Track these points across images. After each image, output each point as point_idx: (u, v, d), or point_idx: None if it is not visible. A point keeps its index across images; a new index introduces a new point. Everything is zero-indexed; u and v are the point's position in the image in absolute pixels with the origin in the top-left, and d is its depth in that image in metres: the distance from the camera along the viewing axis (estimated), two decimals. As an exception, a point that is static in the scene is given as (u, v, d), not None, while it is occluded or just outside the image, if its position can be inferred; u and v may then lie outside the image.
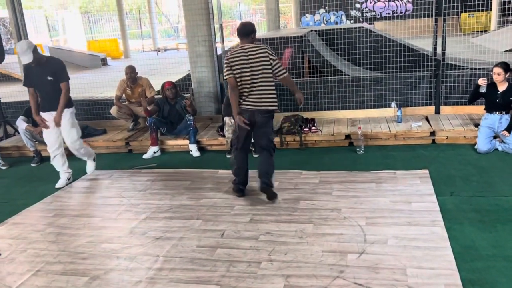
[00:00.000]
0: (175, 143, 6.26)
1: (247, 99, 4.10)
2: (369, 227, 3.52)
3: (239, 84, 4.07)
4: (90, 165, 5.52)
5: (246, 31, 4.13)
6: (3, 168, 6.09)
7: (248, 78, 4.04)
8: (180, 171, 5.33)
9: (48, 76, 4.83)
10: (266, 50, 4.06)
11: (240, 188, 4.42)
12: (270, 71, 4.09)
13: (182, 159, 5.88)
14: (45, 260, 3.42)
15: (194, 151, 5.96)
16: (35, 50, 4.70)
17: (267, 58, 4.05)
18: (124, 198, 4.60)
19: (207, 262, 3.20)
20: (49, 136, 5.05)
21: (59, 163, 5.20)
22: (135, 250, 3.47)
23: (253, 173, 4.47)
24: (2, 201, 4.90)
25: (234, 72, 4.04)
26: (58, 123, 4.95)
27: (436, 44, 6.17)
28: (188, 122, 5.98)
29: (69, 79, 5.01)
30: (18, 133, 6.34)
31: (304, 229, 3.57)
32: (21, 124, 6.14)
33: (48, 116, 4.97)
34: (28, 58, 4.65)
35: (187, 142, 6.05)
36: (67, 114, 4.98)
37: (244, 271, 3.05)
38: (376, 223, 3.57)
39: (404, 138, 5.67)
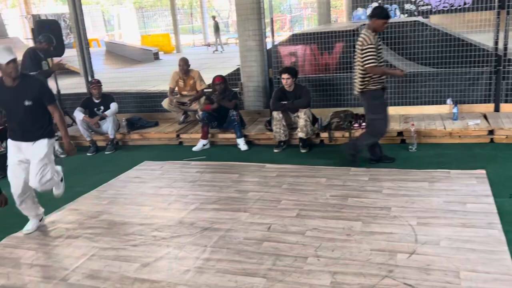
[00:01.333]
0: (223, 137, 6.33)
1: (380, 80, 4.63)
2: (421, 227, 3.41)
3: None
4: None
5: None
6: (62, 156, 6.39)
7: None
8: (228, 164, 5.39)
9: (25, 101, 3.61)
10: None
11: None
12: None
13: (230, 152, 5.94)
14: (98, 246, 3.57)
15: (242, 145, 6.01)
16: (15, 60, 3.56)
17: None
18: (174, 188, 4.71)
19: (253, 255, 3.22)
20: (19, 177, 3.72)
21: (29, 207, 3.92)
22: (184, 239, 3.55)
23: (296, 168, 4.44)
24: (61, 187, 5.14)
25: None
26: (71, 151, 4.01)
27: (497, 39, 5.87)
28: (232, 117, 6.02)
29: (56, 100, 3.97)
30: (76, 123, 6.63)
31: (352, 227, 3.51)
32: (79, 115, 6.42)
33: (20, 147, 3.75)
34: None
35: (235, 135, 6.10)
36: (46, 146, 3.76)
37: (290, 265, 3.04)
38: (428, 223, 3.46)
39: (460, 136, 5.44)
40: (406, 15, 20.65)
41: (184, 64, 6.73)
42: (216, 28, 20.31)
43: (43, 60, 6.44)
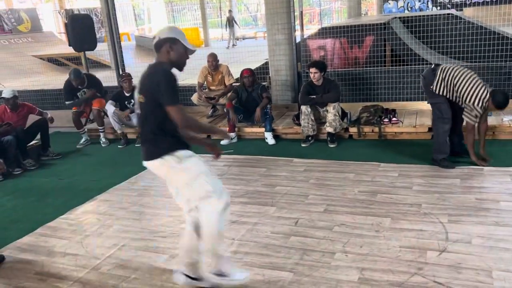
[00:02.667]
0: (251, 130, 6.34)
1: None
2: (452, 224, 3.34)
3: None
4: None
5: None
6: (104, 145, 6.70)
7: None
8: (255, 158, 5.40)
9: None
10: None
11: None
12: None
13: (257, 146, 5.95)
14: (129, 236, 3.65)
15: (270, 139, 6.00)
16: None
17: None
18: (202, 181, 4.75)
19: (280, 249, 3.22)
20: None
21: None
22: (211, 232, 3.57)
23: (324, 163, 4.40)
24: (92, 179, 5.27)
25: None
26: None
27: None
28: (265, 110, 6.02)
29: None
30: (107, 116, 6.77)
31: (381, 223, 3.47)
32: (110, 108, 6.55)
33: None
34: None
35: (262, 129, 6.10)
36: None
37: (317, 260, 3.03)
38: (460, 221, 3.38)
39: (494, 132, 5.29)
40: (439, 8, 20.16)
41: (213, 60, 6.75)
42: (229, 23, 20.13)
43: (77, 92, 6.77)
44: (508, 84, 5.97)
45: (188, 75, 8.23)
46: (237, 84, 6.61)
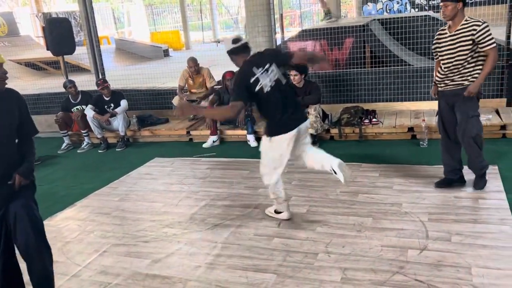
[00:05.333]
0: (233, 133, 6.34)
1: None
2: (432, 223, 3.39)
3: None
4: None
5: None
6: (86, 149, 6.67)
7: None
8: (238, 161, 5.40)
9: None
10: None
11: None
12: None
13: (240, 149, 5.95)
14: (110, 242, 3.61)
15: (252, 141, 6.01)
16: None
17: None
18: (184, 185, 4.74)
19: (264, 251, 3.23)
20: None
21: None
22: (194, 235, 3.57)
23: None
24: (72, 184, 5.20)
25: None
26: None
27: (509, 33, 5.80)
28: (247, 113, 6.03)
29: None
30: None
31: (362, 223, 3.50)
32: (89, 112, 6.48)
33: None
34: None
35: (245, 132, 6.11)
36: None
37: (300, 261, 3.05)
38: (439, 220, 3.44)
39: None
40: (417, 9, 20.45)
41: (194, 64, 6.73)
42: None
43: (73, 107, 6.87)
44: (485, 84, 6.07)
45: (169, 78, 8.21)
46: (219, 86, 6.60)
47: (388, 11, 20.39)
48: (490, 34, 3.58)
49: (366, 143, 5.65)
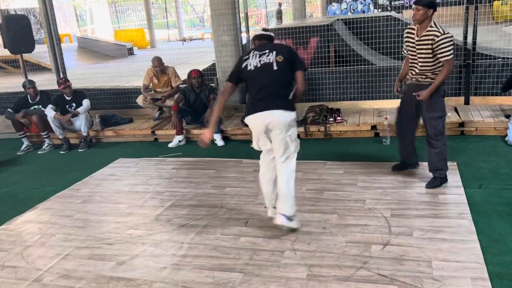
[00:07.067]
0: (199, 132, 6.28)
1: None
2: (394, 218, 3.48)
3: None
4: None
5: None
6: (47, 150, 6.50)
7: None
8: (204, 160, 5.37)
9: None
10: None
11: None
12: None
13: (206, 148, 5.87)
14: (73, 245, 3.51)
15: (219, 140, 5.99)
16: None
17: None
18: (150, 185, 4.67)
19: (230, 250, 3.22)
20: None
21: None
22: (160, 236, 3.53)
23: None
24: (33, 187, 5.04)
25: None
26: None
27: (466, 33, 6.00)
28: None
29: None
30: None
31: (328, 220, 3.55)
32: (50, 112, 6.29)
33: None
34: None
35: (211, 131, 6.06)
36: None
37: (267, 259, 3.06)
38: (402, 215, 3.53)
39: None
40: (380, 10, 20.89)
41: (159, 64, 6.65)
42: None
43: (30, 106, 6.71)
44: (444, 82, 6.27)
45: (133, 77, 8.08)
46: (184, 85, 6.54)
47: (352, 11, 20.76)
48: (448, 46, 3.68)
49: (331, 141, 5.73)
